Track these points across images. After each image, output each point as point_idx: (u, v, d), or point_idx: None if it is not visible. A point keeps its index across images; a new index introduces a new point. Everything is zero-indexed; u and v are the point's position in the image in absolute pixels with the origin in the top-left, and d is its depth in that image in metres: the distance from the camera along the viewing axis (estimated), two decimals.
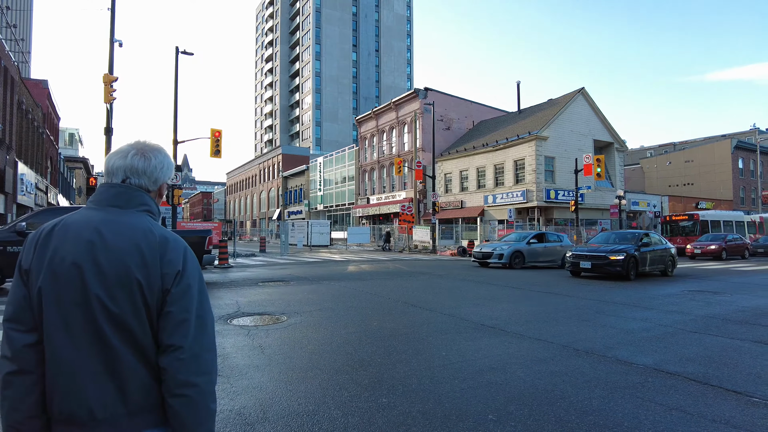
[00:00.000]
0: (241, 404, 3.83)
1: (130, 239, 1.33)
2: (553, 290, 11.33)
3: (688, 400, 3.93)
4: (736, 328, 6.92)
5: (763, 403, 3.88)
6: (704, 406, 3.80)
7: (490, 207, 36.83)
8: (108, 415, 1.26)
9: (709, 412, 3.67)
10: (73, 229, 1.34)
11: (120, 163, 1.44)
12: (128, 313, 1.28)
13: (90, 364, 1.26)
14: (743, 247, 26.01)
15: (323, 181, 59.95)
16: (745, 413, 3.65)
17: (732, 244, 25.22)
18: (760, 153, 50.11)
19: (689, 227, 30.88)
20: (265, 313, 7.96)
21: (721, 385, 4.32)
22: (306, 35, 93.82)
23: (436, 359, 5.13)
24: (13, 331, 1.29)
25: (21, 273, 1.34)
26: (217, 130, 21.40)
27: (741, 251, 25.82)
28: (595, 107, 37.65)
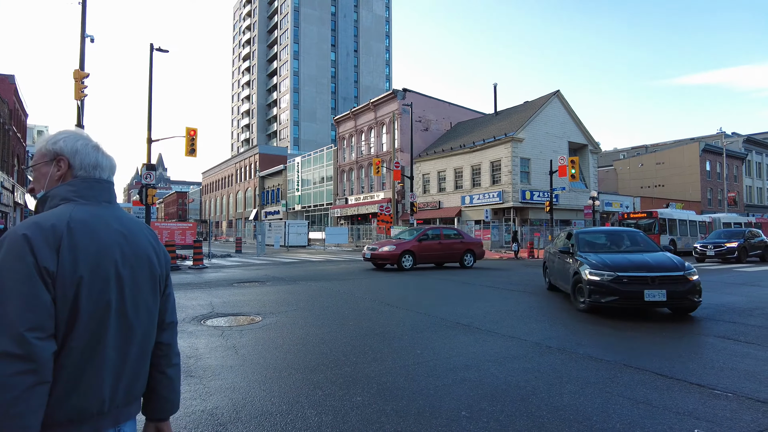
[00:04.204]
0: (213, 405, 3.78)
1: (142, 233, 1.45)
2: (528, 289, 11.49)
3: (654, 393, 4.04)
4: (702, 324, 7.13)
5: (723, 395, 4.01)
6: (669, 399, 3.91)
7: (468, 207, 37.15)
8: (114, 405, 1.32)
9: (674, 404, 3.78)
10: (98, 227, 1.32)
11: (106, 160, 1.47)
12: (156, 301, 1.46)
13: (135, 354, 1.37)
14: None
15: (301, 181, 59.57)
16: (707, 405, 3.77)
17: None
18: (726, 156, 51.76)
19: (647, 225, 30.16)
20: (239, 314, 7.87)
21: (685, 378, 4.44)
22: (284, 34, 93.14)
23: (410, 357, 5.16)
24: (38, 340, 1.15)
25: (42, 277, 1.18)
26: (193, 129, 21.06)
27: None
28: (569, 110, 38.34)
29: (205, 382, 4.35)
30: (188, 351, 5.44)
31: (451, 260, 17.93)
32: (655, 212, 30.31)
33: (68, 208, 1.32)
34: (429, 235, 17.72)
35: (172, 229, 30.86)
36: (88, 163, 1.41)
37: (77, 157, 1.40)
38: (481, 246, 18.85)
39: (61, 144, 1.41)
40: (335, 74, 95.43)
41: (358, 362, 4.96)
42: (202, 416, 3.55)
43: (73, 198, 1.36)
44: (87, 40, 16.39)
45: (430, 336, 6.23)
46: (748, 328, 6.86)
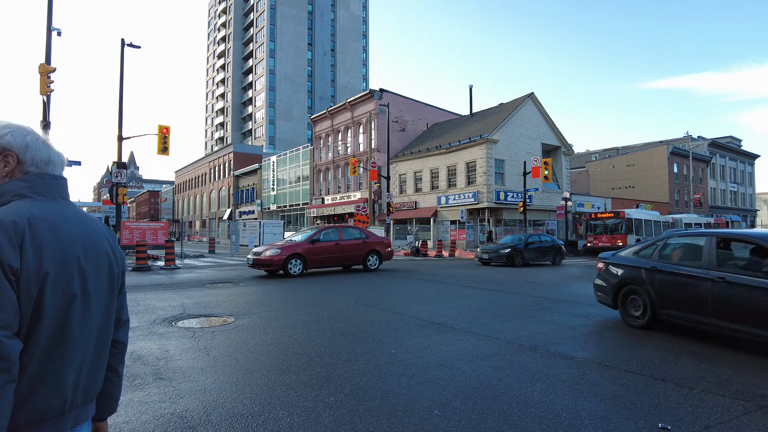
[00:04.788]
0: (183, 407, 3.71)
1: (100, 230, 1.44)
2: (502, 288, 11.63)
3: (622, 390, 4.14)
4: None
5: (687, 390, 4.13)
6: (636, 395, 4.01)
7: (443, 208, 37.42)
8: (75, 405, 1.29)
9: (641, 400, 3.88)
10: (60, 224, 1.29)
11: (57, 156, 1.42)
12: (113, 298, 1.44)
13: (92, 352, 1.34)
14: None
15: (276, 180, 59.02)
16: (671, 400, 3.88)
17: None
18: (692, 159, 53.44)
19: (614, 225, 30.42)
20: (212, 315, 7.75)
21: (651, 375, 4.57)
22: (260, 32, 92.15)
23: (384, 357, 5.16)
24: (7, 338, 1.13)
25: (6, 275, 1.15)
26: (165, 127, 20.66)
27: None
28: (543, 112, 39.00)
29: (175, 384, 4.26)
30: (158, 353, 5.33)
31: (352, 263, 16.21)
32: (623, 212, 30.52)
33: (26, 204, 1.27)
34: (323, 237, 15.52)
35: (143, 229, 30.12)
36: (40, 159, 1.36)
37: (28, 152, 1.35)
38: (388, 246, 17.34)
39: (8, 138, 1.34)
40: (312, 73, 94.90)
41: (332, 363, 4.94)
42: (171, 419, 3.48)
43: (29, 194, 1.31)
44: (53, 34, 15.89)
45: (404, 335, 6.25)
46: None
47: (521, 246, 20.78)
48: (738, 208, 67.58)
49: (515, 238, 22.11)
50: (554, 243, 22.65)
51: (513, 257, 20.07)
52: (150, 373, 4.57)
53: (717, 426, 3.38)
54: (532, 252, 21.15)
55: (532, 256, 21.05)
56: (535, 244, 21.59)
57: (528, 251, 20.88)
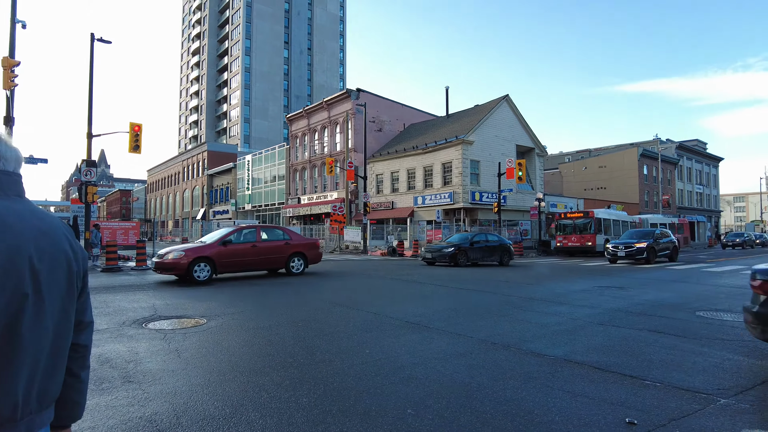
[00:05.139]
0: (152, 411, 3.63)
1: (58, 228, 1.36)
2: (478, 287, 11.75)
3: (591, 386, 4.23)
4: (636, 319, 7.54)
5: (653, 385, 4.25)
6: (605, 391, 4.10)
7: (420, 208, 37.59)
8: (28, 411, 1.22)
9: (609, 396, 3.97)
10: (11, 221, 1.21)
11: (10, 151, 1.34)
12: (72, 299, 1.37)
13: (47, 355, 1.28)
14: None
15: (251, 179, 58.33)
16: (638, 395, 3.98)
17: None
18: (661, 161, 54.95)
19: (584, 225, 30.34)
20: (183, 316, 7.61)
21: (620, 371, 4.68)
22: (236, 29, 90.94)
23: (359, 357, 5.16)
24: None
25: None
26: (137, 125, 20.21)
27: None
28: (518, 114, 39.54)
29: (144, 387, 4.17)
30: (128, 355, 5.21)
31: (272, 266, 14.54)
32: (592, 212, 30.81)
33: None
34: (236, 238, 13.79)
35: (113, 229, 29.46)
36: None
37: None
38: (316, 248, 15.66)
39: None
40: (288, 72, 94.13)
41: (306, 363, 4.91)
42: (140, 423, 3.41)
43: None
44: (18, 26, 15.37)
45: (379, 335, 6.26)
46: (677, 321, 7.31)
47: (466, 245, 20.26)
48: (703, 208, 69.82)
49: (462, 237, 21.61)
50: (502, 242, 22.22)
51: (457, 257, 19.57)
52: (118, 377, 4.46)
53: (682, 419, 3.48)
54: (478, 251, 20.67)
55: (477, 256, 20.62)
56: (480, 243, 21.05)
57: (473, 251, 20.41)
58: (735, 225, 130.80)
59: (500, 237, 23.22)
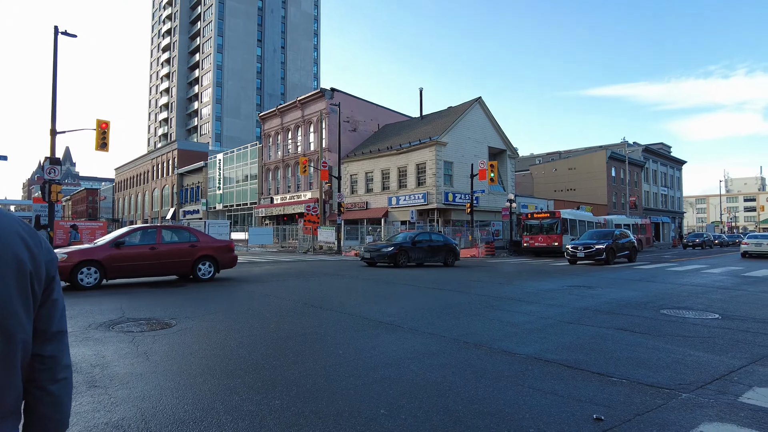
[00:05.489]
0: (119, 416, 3.54)
1: (9, 226, 1.23)
2: (447, 287, 11.86)
3: (560, 384, 4.32)
4: (604, 318, 7.74)
5: (619, 381, 4.38)
6: (573, 388, 4.20)
7: (394, 208, 37.69)
8: None
9: (577, 393, 4.07)
10: None
11: None
12: (21, 305, 1.22)
13: None
14: None
15: (223, 179, 57.43)
16: (605, 392, 4.09)
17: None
18: (628, 164, 56.53)
19: (548, 226, 30.39)
20: (152, 319, 7.44)
21: (588, 368, 4.80)
22: (208, 26, 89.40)
23: (332, 358, 5.14)
24: None
25: None
26: (104, 122, 19.67)
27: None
28: (490, 116, 40.07)
29: (111, 391, 4.06)
30: (93, 359, 5.06)
31: (176, 271, 13.00)
32: (558, 213, 30.90)
33: None
34: (131, 239, 12.36)
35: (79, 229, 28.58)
36: None
37: None
38: (229, 251, 14.01)
39: None
40: (261, 70, 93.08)
41: (278, 365, 4.86)
42: (106, 429, 3.31)
43: None
44: None
45: (353, 336, 6.25)
46: (642, 319, 7.54)
47: (408, 245, 19.70)
48: (668, 210, 72.15)
49: (405, 236, 21.04)
50: (447, 242, 21.68)
51: (397, 257, 18.93)
52: (83, 381, 4.33)
53: (646, 413, 3.59)
54: (420, 251, 20.10)
55: (419, 256, 20.05)
56: (423, 243, 20.45)
57: (415, 250, 19.85)
58: (697, 226, 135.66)
59: (445, 237, 22.69)
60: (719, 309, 8.71)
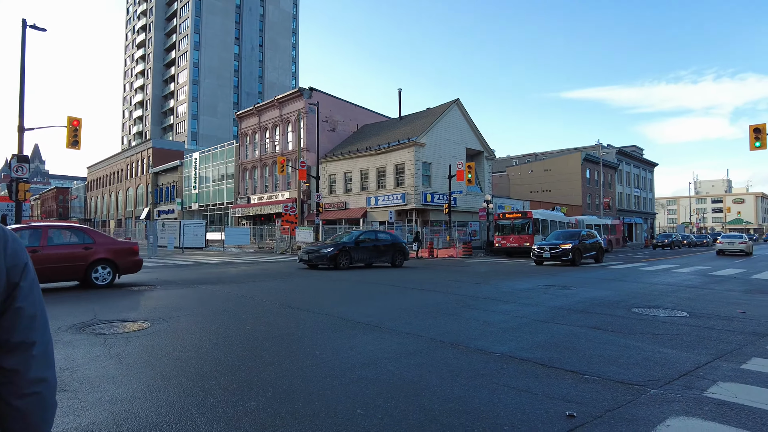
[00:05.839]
0: (90, 420, 3.46)
1: None
2: (425, 287, 11.92)
3: (534, 382, 4.39)
4: (577, 316, 7.90)
5: (591, 378, 4.48)
6: (547, 386, 4.27)
7: (373, 208, 37.71)
8: None
9: (551, 390, 4.14)
10: None
11: None
12: None
13: None
14: None
15: (199, 178, 56.58)
16: (578, 389, 4.18)
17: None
18: (602, 165, 57.72)
19: (520, 226, 30.21)
20: (125, 320, 7.29)
21: (561, 366, 4.89)
22: (184, 23, 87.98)
23: (309, 359, 5.12)
24: None
25: None
26: (76, 119, 19.19)
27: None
28: (468, 118, 40.44)
29: (81, 395, 3.97)
30: (63, 363, 4.93)
31: (65, 276, 11.46)
32: (530, 213, 30.80)
33: None
34: None
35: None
36: None
37: None
38: (131, 254, 12.51)
39: None
40: (239, 68, 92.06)
41: (254, 366, 4.83)
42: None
43: None
44: None
45: (330, 336, 6.24)
46: (614, 318, 7.72)
47: (350, 245, 18.43)
48: (641, 211, 73.91)
49: (352, 235, 19.58)
50: (395, 242, 20.41)
51: (337, 258, 17.64)
52: None
53: (616, 409, 3.68)
54: (364, 252, 18.92)
55: (363, 257, 18.87)
56: (367, 243, 19.25)
57: (359, 251, 18.64)
58: (668, 226, 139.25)
59: (394, 236, 21.42)
60: (687, 307, 8.98)
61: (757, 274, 16.79)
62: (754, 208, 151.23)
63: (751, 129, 18.20)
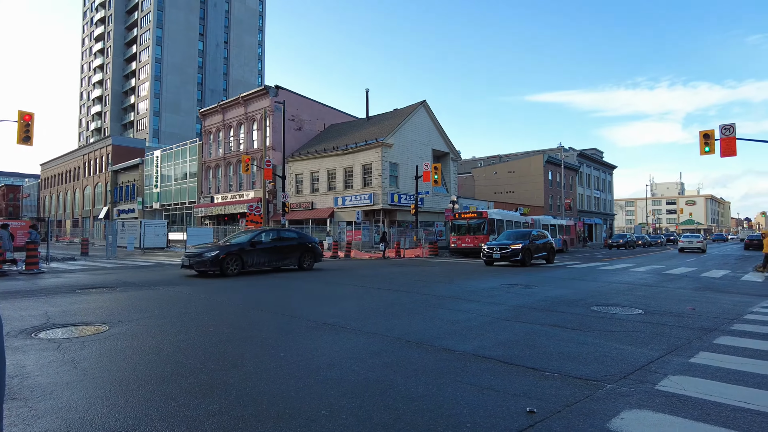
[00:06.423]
0: (41, 429, 3.33)
1: None
2: (392, 287, 11.98)
3: (497, 379, 4.49)
4: (538, 315, 8.10)
5: (551, 375, 4.61)
6: (509, 383, 4.37)
7: (340, 209, 37.59)
8: None
9: (512, 387, 4.24)
10: None
11: None
12: None
13: None
14: None
15: (161, 176, 55.06)
16: (538, 385, 4.30)
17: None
18: (564, 167, 59.32)
19: (475, 226, 29.65)
20: (82, 324, 7.04)
21: (523, 364, 5.01)
22: (146, 17, 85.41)
23: (273, 361, 5.08)
24: None
25: None
26: (28, 113, 18.35)
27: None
28: (434, 119, 40.83)
29: (32, 403, 3.81)
30: (11, 370, 4.72)
31: None
32: (485, 213, 30.30)
33: None
34: None
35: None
36: None
37: None
38: None
39: None
40: (203, 65, 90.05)
41: (217, 369, 4.75)
42: None
43: None
44: None
45: (295, 338, 6.20)
46: (574, 316, 7.96)
47: (244, 247, 15.81)
48: (600, 212, 76.33)
49: (248, 235, 16.85)
50: (302, 241, 18.02)
51: (224, 262, 14.91)
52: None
53: (574, 404, 3.80)
54: (262, 254, 16.31)
55: (260, 260, 16.23)
56: (266, 243, 16.71)
57: (254, 254, 16.04)
58: (626, 227, 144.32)
59: (301, 234, 18.93)
60: (643, 305, 9.35)
61: (706, 272, 17.64)
62: (704, 210, 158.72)
63: (701, 135, 19.08)
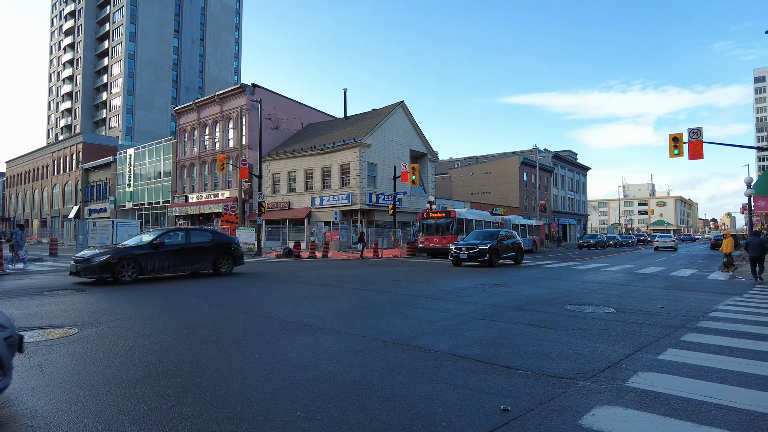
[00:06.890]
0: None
1: None
2: (369, 287, 11.98)
3: (472, 378, 4.53)
4: (513, 314, 8.21)
5: (525, 374, 4.68)
6: (484, 381, 4.42)
7: (318, 209, 37.41)
8: None
9: (487, 386, 4.29)
10: None
11: None
12: None
13: None
14: None
15: (134, 175, 53.89)
16: (512, 384, 4.36)
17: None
18: (539, 169, 60.22)
19: (444, 226, 28.92)
20: (49, 327, 6.84)
21: (498, 362, 5.08)
22: (119, 12, 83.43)
23: (248, 362, 5.02)
24: None
25: None
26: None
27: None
28: (412, 120, 41.00)
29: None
30: None
31: None
32: (453, 212, 29.56)
33: None
34: None
35: None
36: None
37: None
38: None
39: None
40: (178, 61, 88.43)
41: (191, 371, 4.67)
42: None
43: None
44: None
45: (271, 339, 6.15)
46: (548, 315, 8.10)
47: (142, 249, 13.50)
48: (575, 212, 77.77)
49: (150, 236, 14.36)
50: (218, 242, 15.70)
51: (115, 268, 12.64)
52: None
53: (547, 402, 3.87)
54: (167, 258, 13.99)
55: (164, 265, 13.92)
56: (172, 246, 14.29)
57: (157, 257, 13.72)
58: (599, 227, 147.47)
59: (217, 234, 16.53)
60: (614, 303, 9.57)
61: (675, 272, 18.17)
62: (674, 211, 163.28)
63: (670, 138, 19.62)
